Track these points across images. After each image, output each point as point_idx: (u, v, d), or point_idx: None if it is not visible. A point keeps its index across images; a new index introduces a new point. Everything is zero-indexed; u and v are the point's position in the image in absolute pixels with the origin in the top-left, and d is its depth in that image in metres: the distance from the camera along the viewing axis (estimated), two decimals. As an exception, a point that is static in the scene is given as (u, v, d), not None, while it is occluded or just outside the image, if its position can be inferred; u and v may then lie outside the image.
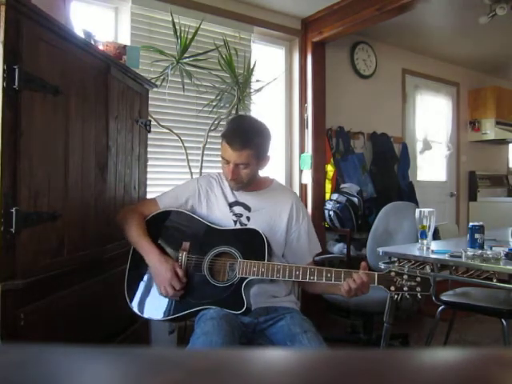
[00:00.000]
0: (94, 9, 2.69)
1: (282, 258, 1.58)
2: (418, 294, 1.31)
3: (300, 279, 1.39)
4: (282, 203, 1.61)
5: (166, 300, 1.50)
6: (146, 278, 1.54)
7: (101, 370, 0.27)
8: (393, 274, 1.33)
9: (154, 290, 1.53)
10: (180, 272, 1.45)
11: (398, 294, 1.32)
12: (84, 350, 0.28)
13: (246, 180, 1.53)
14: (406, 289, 1.31)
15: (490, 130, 5.02)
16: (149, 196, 2.07)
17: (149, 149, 2.19)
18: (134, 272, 1.55)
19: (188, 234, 1.55)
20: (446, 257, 1.87)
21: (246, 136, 1.46)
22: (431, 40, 4.11)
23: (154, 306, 1.51)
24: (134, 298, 1.53)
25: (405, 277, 1.32)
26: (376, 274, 1.35)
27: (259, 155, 1.51)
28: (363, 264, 1.37)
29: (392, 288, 1.32)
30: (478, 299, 2.31)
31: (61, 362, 0.27)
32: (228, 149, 1.47)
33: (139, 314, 1.52)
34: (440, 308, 2.32)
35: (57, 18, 1.33)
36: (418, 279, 1.31)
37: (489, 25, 3.32)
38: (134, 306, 1.52)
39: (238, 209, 1.59)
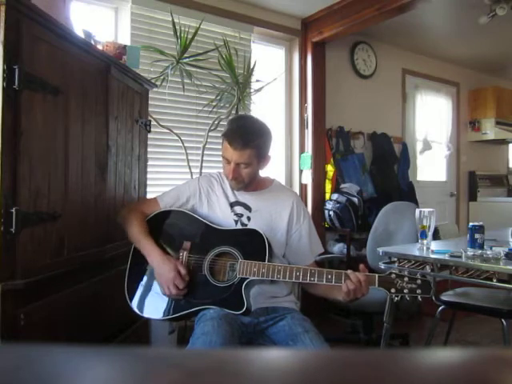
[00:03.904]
0: (93, 9, 2.69)
1: (283, 258, 1.58)
2: (419, 297, 1.30)
3: (300, 280, 1.39)
4: (282, 203, 1.60)
5: (166, 299, 1.49)
6: (146, 277, 1.54)
7: (101, 370, 0.27)
8: (393, 275, 1.32)
9: (154, 290, 1.52)
10: (183, 271, 1.44)
11: (398, 296, 1.32)
12: (84, 350, 0.28)
13: (247, 180, 1.53)
14: (406, 291, 1.30)
15: (490, 130, 5.02)
16: (149, 196, 2.07)
17: (149, 149, 2.19)
18: (134, 271, 1.55)
19: (189, 233, 1.55)
20: (446, 257, 1.87)
21: (247, 136, 1.46)
22: (431, 40, 4.11)
23: (153, 305, 1.51)
24: (134, 297, 1.53)
25: (405, 279, 1.31)
26: (376, 276, 1.34)
27: (260, 155, 1.51)
28: (361, 266, 1.37)
29: (392, 290, 1.31)
30: (478, 299, 2.30)
31: (60, 362, 0.27)
32: (229, 148, 1.47)
33: (139, 313, 1.51)
34: (440, 308, 2.31)
35: (57, 18, 1.33)
36: (419, 282, 1.30)
37: (489, 25, 3.32)
38: (134, 305, 1.52)
39: (238, 209, 1.58)
